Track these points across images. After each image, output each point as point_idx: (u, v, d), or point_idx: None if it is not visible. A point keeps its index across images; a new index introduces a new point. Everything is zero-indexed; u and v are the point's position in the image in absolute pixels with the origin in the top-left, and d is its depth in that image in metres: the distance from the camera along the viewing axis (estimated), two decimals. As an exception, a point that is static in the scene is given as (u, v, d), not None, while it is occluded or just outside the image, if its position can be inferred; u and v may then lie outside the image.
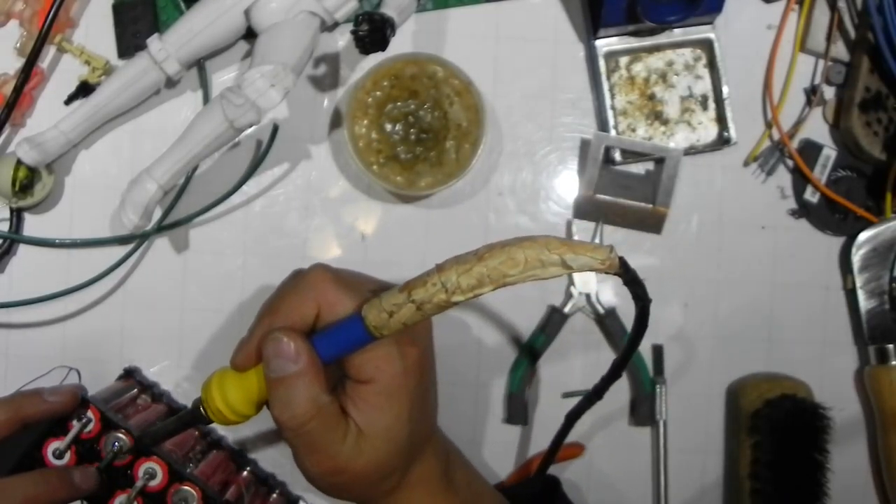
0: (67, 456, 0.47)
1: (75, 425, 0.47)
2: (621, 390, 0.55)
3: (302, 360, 0.37)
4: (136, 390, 0.53)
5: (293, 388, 0.37)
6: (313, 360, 0.37)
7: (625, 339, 0.54)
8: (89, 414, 0.48)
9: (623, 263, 0.33)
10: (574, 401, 0.55)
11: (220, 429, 0.54)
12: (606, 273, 0.33)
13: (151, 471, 0.47)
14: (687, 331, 0.56)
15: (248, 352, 0.39)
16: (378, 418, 0.38)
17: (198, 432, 0.53)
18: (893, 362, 0.54)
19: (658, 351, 0.55)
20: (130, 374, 0.54)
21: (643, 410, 0.55)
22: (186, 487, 0.47)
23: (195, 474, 0.48)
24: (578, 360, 0.55)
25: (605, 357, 0.55)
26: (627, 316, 0.54)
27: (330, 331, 0.38)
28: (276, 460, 0.55)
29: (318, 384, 0.37)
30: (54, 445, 0.47)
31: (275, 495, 0.53)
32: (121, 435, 0.47)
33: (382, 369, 0.38)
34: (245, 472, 0.53)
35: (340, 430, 0.38)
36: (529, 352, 0.54)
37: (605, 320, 0.54)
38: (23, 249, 0.54)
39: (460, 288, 0.33)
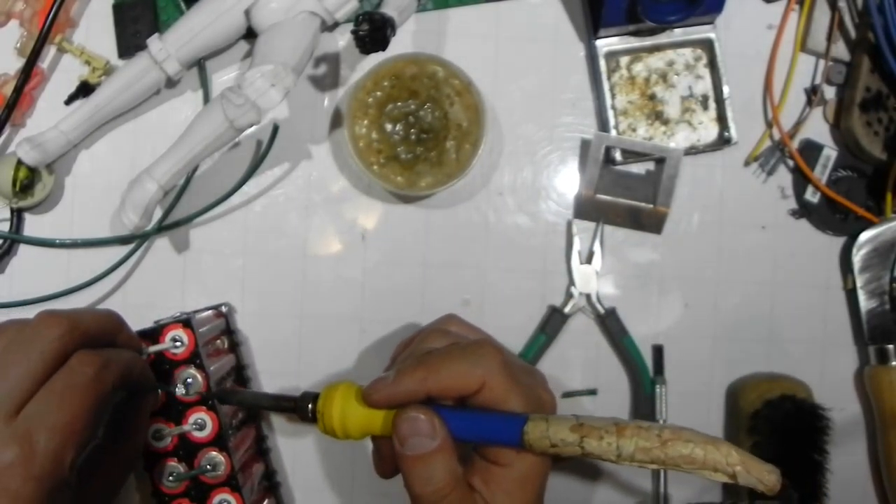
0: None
1: (167, 341, 0.45)
2: (622, 390, 0.55)
3: (440, 435, 0.37)
4: (219, 331, 0.52)
5: (432, 464, 0.37)
6: (448, 434, 0.38)
7: (624, 340, 0.54)
8: (185, 338, 0.46)
9: (784, 488, 0.34)
10: (575, 401, 0.55)
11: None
12: (767, 493, 0.34)
13: (202, 422, 0.46)
14: (687, 331, 0.56)
15: (391, 398, 0.39)
16: (508, 503, 0.39)
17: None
18: (893, 362, 0.54)
19: (658, 351, 0.55)
20: (223, 313, 0.53)
21: (643, 410, 0.55)
22: (219, 455, 0.46)
23: (232, 446, 0.47)
24: (578, 360, 0.55)
25: (606, 357, 0.55)
26: (628, 316, 0.55)
27: (477, 417, 0.38)
28: (286, 457, 0.55)
29: (454, 456, 0.38)
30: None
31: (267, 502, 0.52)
32: (197, 376, 0.46)
33: (521, 456, 0.38)
34: (259, 463, 0.52)
35: (472, 502, 0.38)
36: (529, 352, 0.54)
37: (606, 320, 0.54)
38: (23, 249, 0.54)
39: (632, 458, 0.35)
